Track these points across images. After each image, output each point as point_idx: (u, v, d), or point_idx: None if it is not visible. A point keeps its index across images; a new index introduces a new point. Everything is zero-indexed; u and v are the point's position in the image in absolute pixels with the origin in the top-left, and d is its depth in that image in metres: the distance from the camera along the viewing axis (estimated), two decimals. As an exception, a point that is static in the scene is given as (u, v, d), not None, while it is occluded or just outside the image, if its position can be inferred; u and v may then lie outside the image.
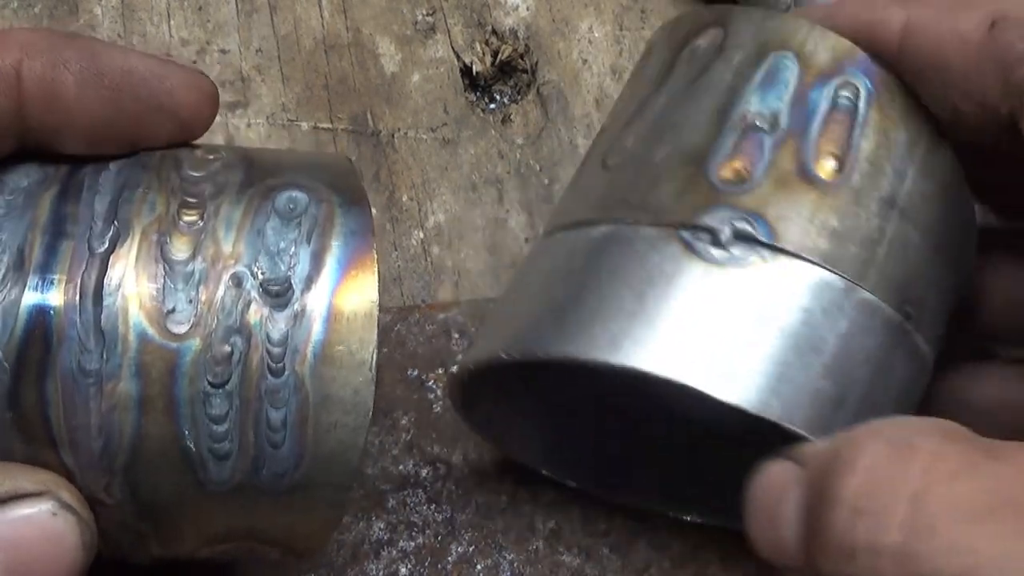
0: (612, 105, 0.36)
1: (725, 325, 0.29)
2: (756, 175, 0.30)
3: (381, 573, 0.38)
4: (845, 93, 0.31)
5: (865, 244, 0.30)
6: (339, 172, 0.30)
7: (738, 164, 0.30)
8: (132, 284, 0.27)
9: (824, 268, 0.30)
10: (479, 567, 0.38)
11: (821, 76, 0.31)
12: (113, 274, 0.27)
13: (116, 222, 0.27)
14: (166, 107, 0.29)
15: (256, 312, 0.27)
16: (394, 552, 0.38)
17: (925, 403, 0.33)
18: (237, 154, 0.30)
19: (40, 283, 0.26)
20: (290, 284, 0.27)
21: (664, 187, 0.31)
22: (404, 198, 0.43)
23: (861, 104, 0.31)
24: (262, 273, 0.27)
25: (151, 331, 0.26)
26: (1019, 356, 0.37)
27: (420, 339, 0.41)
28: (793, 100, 0.31)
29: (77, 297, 0.26)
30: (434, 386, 0.40)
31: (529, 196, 0.44)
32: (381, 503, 0.38)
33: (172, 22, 0.46)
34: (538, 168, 0.44)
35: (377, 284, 0.28)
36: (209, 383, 0.27)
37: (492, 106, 0.46)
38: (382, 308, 0.33)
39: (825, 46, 0.32)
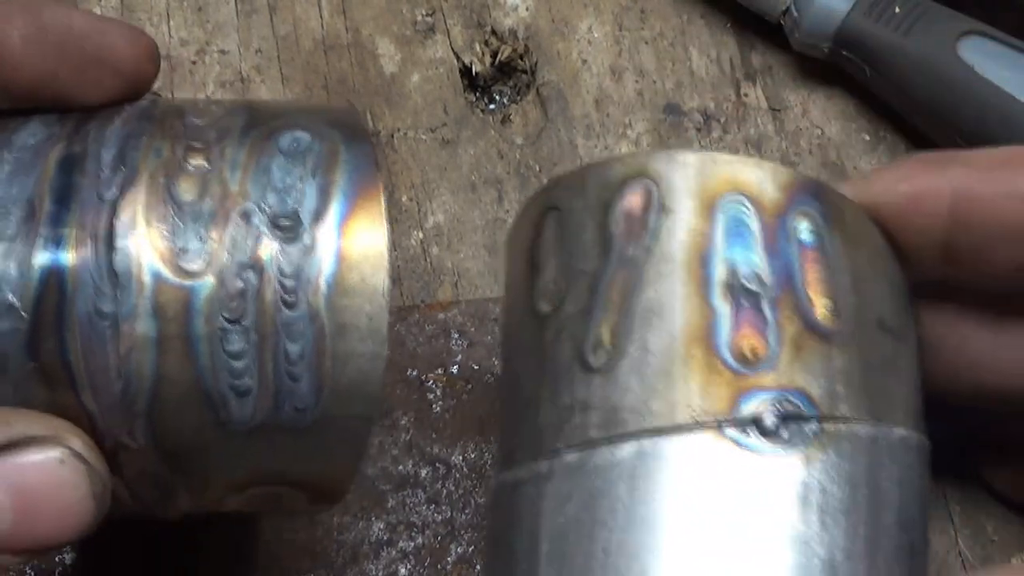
0: (511, 274, 0.33)
1: (812, 521, 0.27)
2: (771, 346, 0.28)
3: (381, 573, 0.38)
4: (805, 225, 0.29)
5: (882, 379, 0.29)
6: (339, 112, 0.30)
7: (749, 339, 0.28)
8: (143, 227, 0.27)
9: (866, 422, 0.28)
10: (479, 567, 0.38)
11: (778, 214, 0.29)
12: (124, 218, 0.27)
13: (123, 168, 0.27)
14: (108, 62, 0.29)
15: (267, 247, 0.27)
16: (394, 552, 0.38)
17: None
18: (238, 103, 0.30)
19: (52, 232, 0.27)
20: (299, 218, 0.27)
21: (682, 382, 0.28)
22: (403, 198, 0.43)
23: (823, 232, 0.30)
24: (270, 208, 0.27)
25: (165, 271, 0.27)
26: None
27: (420, 339, 0.41)
28: (766, 249, 0.29)
29: (89, 243, 0.27)
30: (434, 386, 0.40)
31: (529, 196, 0.44)
32: (381, 503, 0.38)
33: (171, 22, 0.46)
34: (538, 168, 0.44)
35: (385, 213, 0.28)
36: (225, 319, 0.27)
37: (492, 106, 0.46)
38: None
39: (770, 179, 0.30)
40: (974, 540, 0.39)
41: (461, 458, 0.39)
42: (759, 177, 0.30)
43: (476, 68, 0.46)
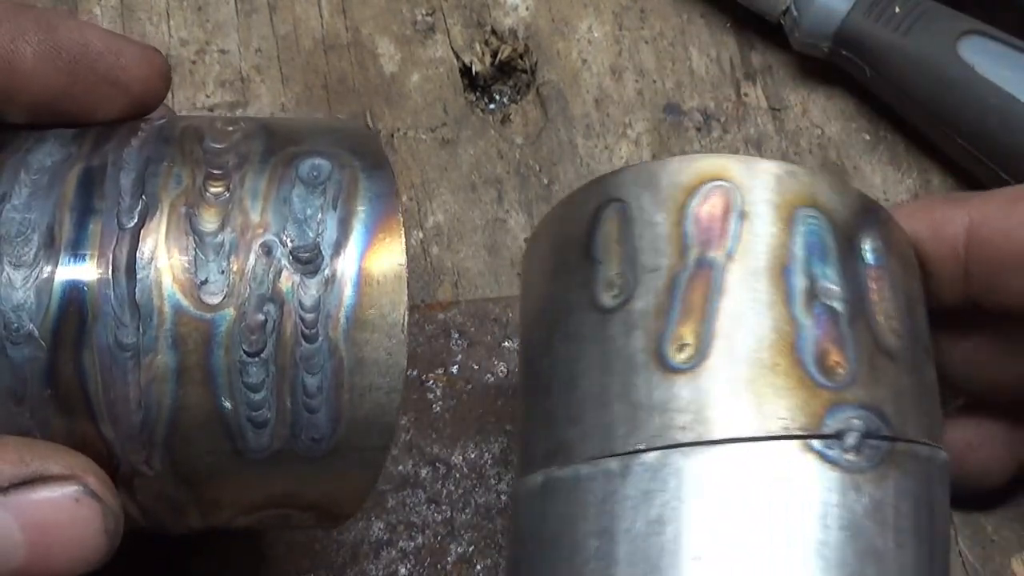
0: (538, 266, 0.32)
1: (888, 538, 0.27)
2: (850, 362, 0.28)
3: (380, 573, 0.38)
4: (870, 245, 0.30)
5: (930, 402, 0.30)
6: (359, 137, 0.30)
7: (832, 353, 0.28)
8: (164, 257, 0.27)
9: (924, 443, 0.28)
10: (479, 567, 0.38)
11: (847, 233, 0.30)
12: (144, 248, 0.27)
13: (144, 196, 0.27)
14: (120, 82, 0.29)
15: (287, 279, 0.27)
16: (393, 552, 0.38)
17: None
18: (255, 124, 0.30)
19: (72, 260, 0.27)
20: (319, 250, 0.27)
21: (770, 392, 0.28)
22: (404, 198, 0.43)
23: (884, 254, 0.30)
24: (291, 241, 0.27)
25: (185, 303, 0.27)
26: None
27: (420, 339, 0.41)
28: (841, 266, 0.29)
29: (110, 272, 0.27)
30: (434, 386, 0.40)
31: (529, 196, 0.44)
32: (381, 503, 0.38)
33: (171, 22, 0.46)
34: (538, 168, 0.44)
35: (404, 246, 0.28)
36: (245, 352, 0.27)
37: (492, 106, 0.46)
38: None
39: (842, 198, 0.30)
40: (974, 540, 0.39)
41: (461, 458, 0.39)
42: (832, 194, 0.30)
43: (476, 68, 0.46)
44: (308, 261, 0.27)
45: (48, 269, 0.26)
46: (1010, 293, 0.32)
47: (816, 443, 0.27)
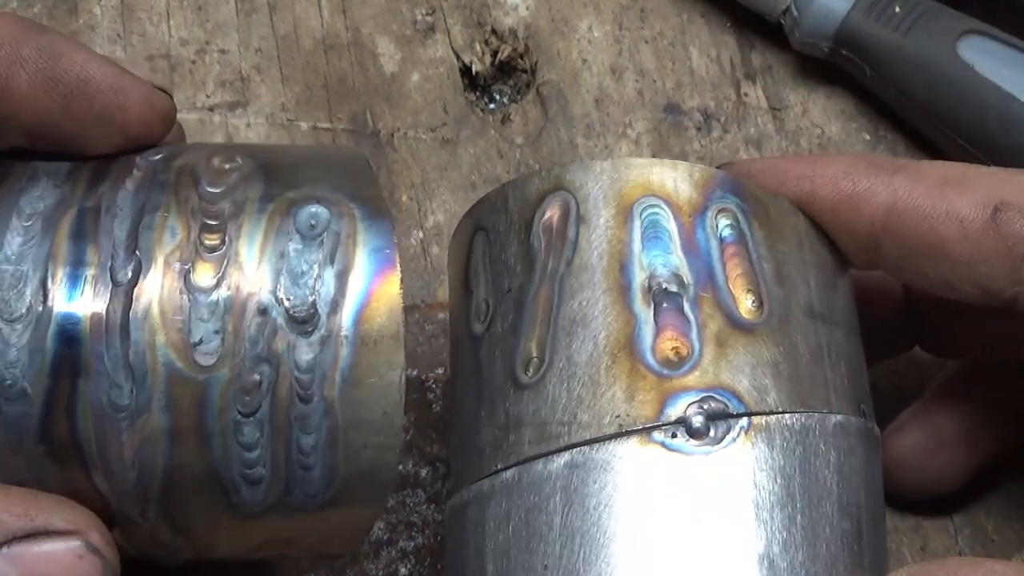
0: (451, 282, 0.33)
1: (746, 517, 0.27)
2: (693, 345, 0.28)
3: (380, 573, 0.38)
4: (725, 221, 0.30)
5: (813, 368, 0.29)
6: (359, 178, 0.30)
7: (671, 341, 0.28)
8: (158, 317, 0.27)
9: (797, 413, 0.28)
10: (479, 567, 0.38)
11: (694, 212, 0.30)
12: (138, 307, 0.27)
13: (138, 251, 0.27)
14: (116, 120, 0.29)
15: (283, 340, 0.27)
16: (393, 552, 0.38)
17: None
18: (253, 163, 0.29)
19: (65, 316, 0.26)
20: (315, 309, 0.27)
21: (608, 391, 0.28)
22: (403, 198, 0.43)
23: (744, 227, 0.30)
24: (287, 300, 0.27)
25: (179, 364, 0.26)
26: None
27: (420, 339, 0.41)
28: (685, 249, 0.29)
29: (103, 331, 0.26)
30: (434, 386, 0.40)
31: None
32: (381, 503, 0.39)
33: (171, 22, 0.46)
34: (538, 168, 0.44)
35: (402, 303, 0.27)
36: (239, 412, 0.27)
37: (492, 106, 0.46)
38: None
39: (684, 179, 0.30)
40: (974, 540, 0.39)
41: (461, 458, 0.39)
42: (673, 178, 0.30)
43: (476, 68, 0.46)
44: (304, 321, 0.27)
45: (42, 325, 0.26)
46: (921, 274, 0.31)
47: (658, 434, 0.27)
